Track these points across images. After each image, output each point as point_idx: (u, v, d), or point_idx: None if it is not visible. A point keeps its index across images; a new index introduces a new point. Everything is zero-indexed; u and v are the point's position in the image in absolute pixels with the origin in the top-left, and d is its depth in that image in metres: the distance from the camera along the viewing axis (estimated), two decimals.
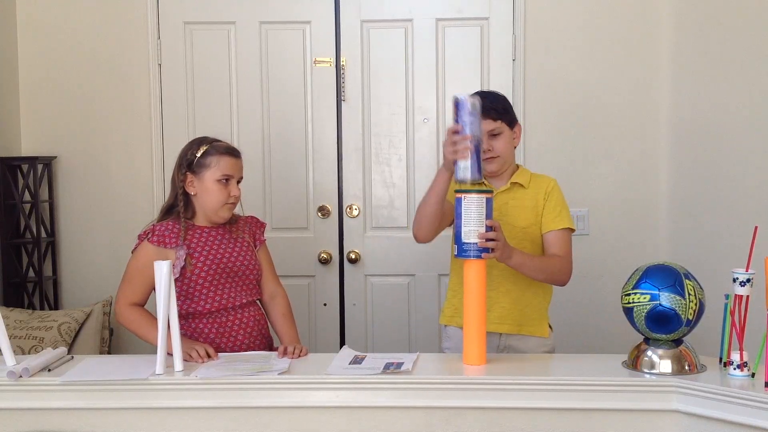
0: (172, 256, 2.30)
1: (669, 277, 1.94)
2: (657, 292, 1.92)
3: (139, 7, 3.42)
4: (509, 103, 2.45)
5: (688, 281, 1.94)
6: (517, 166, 2.48)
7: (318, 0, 3.41)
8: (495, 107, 2.35)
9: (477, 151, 2.09)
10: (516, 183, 2.42)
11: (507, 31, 3.36)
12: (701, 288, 1.96)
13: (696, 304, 1.92)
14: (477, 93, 2.31)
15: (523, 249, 2.33)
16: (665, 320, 1.92)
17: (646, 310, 1.93)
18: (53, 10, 3.45)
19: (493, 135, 2.35)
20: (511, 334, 2.41)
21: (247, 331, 2.38)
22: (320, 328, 3.48)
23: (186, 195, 2.38)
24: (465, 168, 2.09)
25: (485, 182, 2.38)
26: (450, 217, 2.29)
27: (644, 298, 1.94)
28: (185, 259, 2.32)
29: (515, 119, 2.44)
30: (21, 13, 3.46)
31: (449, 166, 2.17)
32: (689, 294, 1.92)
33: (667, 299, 1.91)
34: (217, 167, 2.35)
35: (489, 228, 2.06)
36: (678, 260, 3.25)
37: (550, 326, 2.49)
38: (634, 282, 1.98)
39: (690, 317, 1.92)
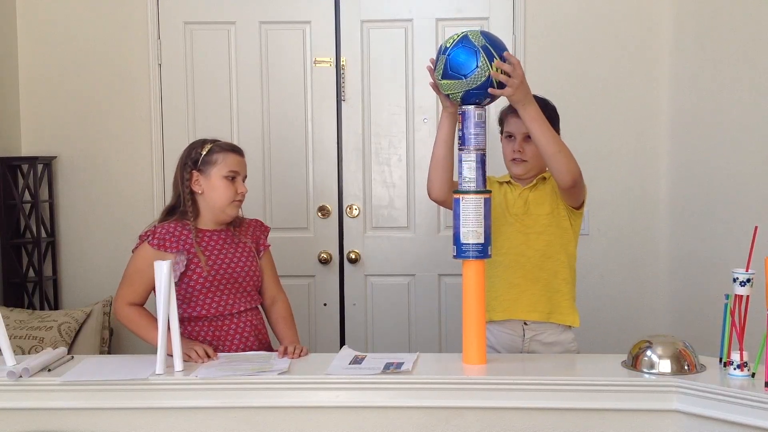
0: (171, 260, 2.29)
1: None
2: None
3: (139, 7, 3.42)
4: (555, 113, 2.39)
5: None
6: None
7: (318, 0, 3.41)
8: None
9: (482, 163, 2.06)
10: (542, 178, 2.38)
11: (507, 31, 3.35)
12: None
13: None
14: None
15: (551, 234, 2.33)
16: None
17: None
18: (53, 10, 3.45)
19: (528, 138, 2.27)
20: (539, 322, 2.36)
21: (244, 335, 2.36)
22: (320, 328, 3.48)
23: (192, 195, 2.37)
24: (470, 180, 2.05)
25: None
26: None
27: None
28: (186, 264, 2.31)
29: (557, 130, 2.34)
30: (21, 13, 3.45)
31: (447, 106, 2.19)
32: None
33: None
34: (223, 164, 2.34)
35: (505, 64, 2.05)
36: (678, 259, 3.29)
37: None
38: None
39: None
